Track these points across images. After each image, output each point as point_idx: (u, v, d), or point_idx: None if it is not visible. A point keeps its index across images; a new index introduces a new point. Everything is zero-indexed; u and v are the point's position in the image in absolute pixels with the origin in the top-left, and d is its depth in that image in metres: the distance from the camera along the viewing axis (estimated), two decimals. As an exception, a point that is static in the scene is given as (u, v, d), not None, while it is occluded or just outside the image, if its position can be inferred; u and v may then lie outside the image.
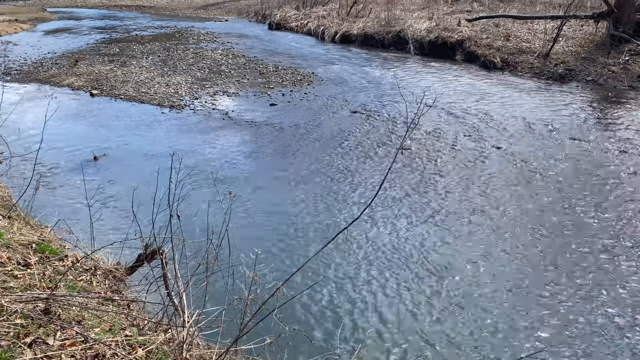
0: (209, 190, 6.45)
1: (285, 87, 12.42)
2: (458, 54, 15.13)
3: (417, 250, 5.23)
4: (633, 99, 10.72)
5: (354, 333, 4.03)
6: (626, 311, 4.29)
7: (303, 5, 25.00)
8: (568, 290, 4.57)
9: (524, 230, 5.61)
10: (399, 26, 17.62)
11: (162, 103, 10.92)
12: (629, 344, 3.93)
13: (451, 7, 19.79)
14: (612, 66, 12.40)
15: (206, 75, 13.59)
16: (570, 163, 7.40)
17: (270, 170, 7.45)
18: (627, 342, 3.95)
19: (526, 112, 9.81)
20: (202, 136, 8.84)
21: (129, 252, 4.44)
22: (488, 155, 7.73)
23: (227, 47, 18.48)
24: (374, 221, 5.83)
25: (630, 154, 7.66)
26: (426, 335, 4.03)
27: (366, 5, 21.40)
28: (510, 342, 3.95)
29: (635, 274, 4.80)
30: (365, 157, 7.80)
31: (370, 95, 11.42)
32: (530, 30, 15.51)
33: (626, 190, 6.51)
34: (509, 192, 6.53)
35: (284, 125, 9.44)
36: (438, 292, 4.57)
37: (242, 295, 3.11)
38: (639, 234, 5.48)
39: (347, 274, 4.84)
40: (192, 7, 36.06)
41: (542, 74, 12.73)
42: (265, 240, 5.43)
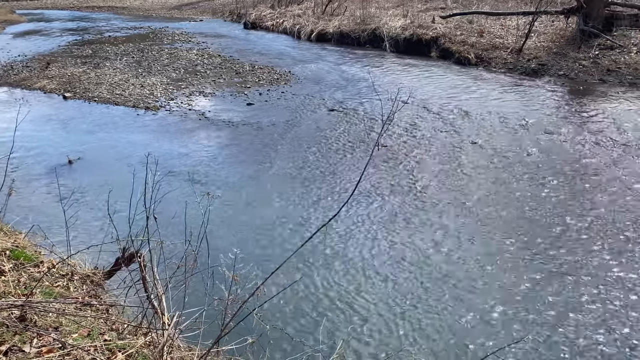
0: (186, 191, 6.40)
1: (262, 87, 12.38)
2: (433, 51, 15.26)
3: (395, 244, 5.27)
4: (603, 92, 10.96)
5: (336, 329, 4.04)
6: (590, 291, 4.40)
7: (278, 4, 24.93)
8: (541, 274, 4.66)
9: (500, 220, 5.70)
10: (374, 24, 17.70)
11: (137, 105, 10.78)
12: (585, 318, 4.03)
13: (425, 5, 19.95)
14: (583, 60, 12.66)
15: (182, 76, 13.46)
16: (544, 156, 7.54)
17: (249, 169, 7.42)
18: (584, 317, 4.05)
19: (501, 106, 9.96)
20: (178, 137, 8.76)
21: (107, 256, 4.38)
22: (465, 150, 7.83)
23: (202, 47, 18.32)
24: (354, 217, 5.86)
25: (601, 145, 7.84)
26: (405, 328, 4.06)
27: (341, 4, 21.44)
28: (484, 331, 4.02)
29: (604, 257, 4.92)
30: (344, 155, 7.83)
31: (347, 93, 11.45)
32: (503, 27, 15.73)
33: (598, 181, 6.66)
34: (486, 185, 6.62)
35: (262, 124, 9.42)
36: (417, 284, 4.61)
37: (223, 296, 3.10)
38: (609, 220, 5.62)
39: (328, 271, 4.85)
40: (166, 7, 35.64)
41: (515, 69, 12.94)
42: (245, 241, 5.41)
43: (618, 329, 4.04)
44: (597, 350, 3.83)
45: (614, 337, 3.96)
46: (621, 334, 3.99)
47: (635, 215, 5.76)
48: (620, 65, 12.16)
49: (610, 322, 4.12)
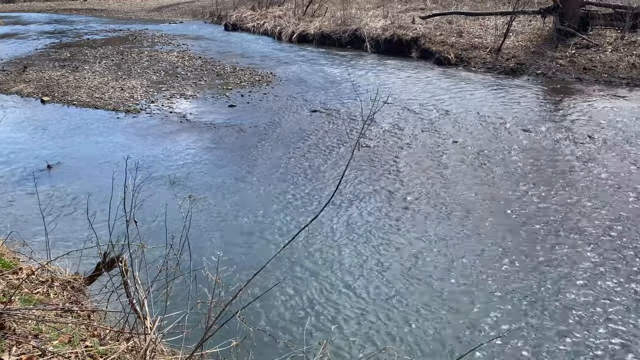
0: (168, 194, 6.36)
1: (244, 88, 12.34)
2: (413, 51, 15.38)
3: (379, 241, 5.30)
4: (580, 90, 11.17)
5: (319, 330, 4.06)
6: (567, 284, 4.48)
7: (259, 6, 24.88)
8: (520, 264, 4.73)
9: (480, 215, 5.77)
10: (355, 25, 17.77)
11: (117, 108, 10.67)
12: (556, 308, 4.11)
13: (405, 5, 20.09)
14: (560, 59, 12.88)
15: (162, 78, 13.36)
16: (523, 153, 7.65)
17: (231, 172, 7.40)
18: (555, 305, 4.13)
19: (480, 105, 10.07)
20: (159, 140, 8.70)
21: (88, 261, 4.34)
22: (445, 149, 7.91)
23: (182, 49, 18.21)
24: (337, 216, 5.87)
25: (578, 142, 7.98)
26: (388, 327, 4.09)
27: (322, 5, 21.48)
28: (464, 325, 4.07)
29: (580, 248, 5.01)
30: (326, 155, 7.85)
31: (329, 94, 11.48)
32: (482, 27, 15.92)
33: (575, 177, 6.78)
34: (466, 182, 6.70)
35: (244, 126, 9.39)
36: (398, 283, 4.65)
37: (206, 299, 3.09)
38: (585, 214, 5.73)
39: (311, 272, 4.86)
40: (145, 9, 35.32)
41: (494, 69, 13.10)
42: (228, 243, 5.39)
43: (586, 310, 4.13)
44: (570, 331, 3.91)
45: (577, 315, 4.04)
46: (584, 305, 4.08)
47: (611, 210, 5.88)
48: (596, 63, 12.39)
49: (581, 306, 4.20)
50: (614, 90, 11.01)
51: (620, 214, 5.81)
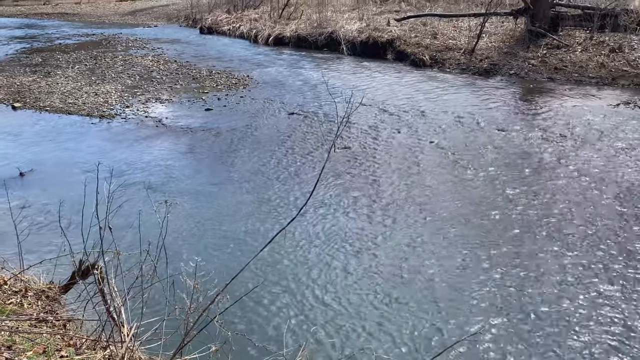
0: (144, 200, 6.28)
1: (221, 91, 12.28)
2: (389, 53, 15.50)
3: (357, 243, 5.33)
4: (552, 89, 11.41)
5: (299, 332, 4.06)
6: (540, 278, 4.58)
7: (234, 9, 24.77)
8: (496, 259, 4.81)
9: (456, 213, 5.84)
10: (331, 27, 17.83)
11: (91, 113, 10.51)
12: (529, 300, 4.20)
13: (380, 8, 20.24)
14: (532, 60, 13.13)
15: (137, 83, 13.21)
16: (498, 152, 7.78)
17: (208, 176, 7.35)
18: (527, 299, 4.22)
19: (456, 106, 10.21)
20: (135, 145, 8.59)
21: (63, 270, 4.26)
22: (422, 150, 7.99)
23: (157, 53, 18.03)
24: (315, 217, 5.89)
25: (551, 141, 8.15)
26: (367, 327, 4.12)
27: (297, 8, 21.50)
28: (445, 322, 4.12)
29: (553, 242, 5.12)
30: (304, 158, 7.86)
31: (307, 97, 11.50)
32: (456, 28, 16.13)
33: (549, 174, 6.92)
34: (443, 182, 6.78)
35: (221, 130, 9.34)
36: (376, 282, 4.68)
37: (184, 305, 3.07)
38: (559, 209, 5.85)
39: (289, 274, 4.86)
40: (119, 13, 34.86)
41: (468, 70, 13.29)
42: (205, 248, 5.36)
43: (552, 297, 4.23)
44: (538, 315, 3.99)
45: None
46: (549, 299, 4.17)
47: (583, 205, 6.01)
48: (566, 63, 12.67)
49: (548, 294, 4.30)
50: (584, 89, 11.28)
51: (591, 209, 5.95)
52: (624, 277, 4.70)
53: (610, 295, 4.46)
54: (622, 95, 10.59)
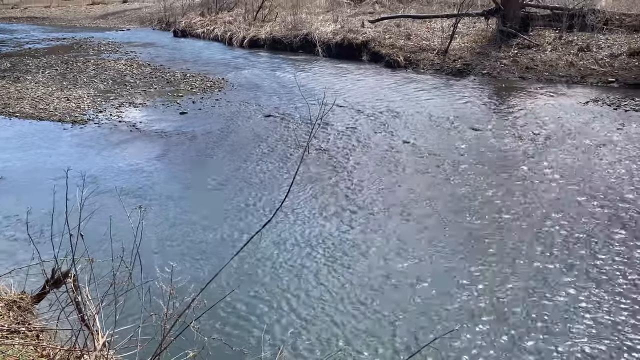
0: (117, 206, 6.17)
1: (195, 95, 12.19)
2: (364, 55, 15.59)
3: (334, 244, 5.34)
4: (523, 88, 11.63)
5: (276, 335, 4.06)
6: (513, 272, 4.66)
7: (208, 12, 24.61)
8: (468, 255, 4.88)
9: (433, 211, 5.91)
10: (306, 29, 17.85)
11: (63, 119, 10.32)
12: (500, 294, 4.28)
13: (354, 9, 20.35)
14: (504, 59, 13.36)
15: (110, 87, 13.01)
16: (472, 151, 7.90)
17: (183, 180, 7.29)
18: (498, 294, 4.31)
19: (430, 106, 10.32)
20: (108, 150, 8.46)
21: (35, 279, 4.17)
22: (398, 149, 8.06)
23: (130, 56, 17.79)
24: (293, 219, 5.88)
25: (523, 139, 8.30)
26: (344, 328, 4.14)
27: (272, 10, 21.47)
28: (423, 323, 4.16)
29: (525, 237, 5.22)
30: (281, 160, 7.85)
31: (282, 99, 11.49)
32: (429, 29, 16.31)
33: (521, 171, 7.05)
34: (419, 181, 6.85)
35: (196, 133, 9.27)
36: (355, 284, 4.70)
37: (161, 311, 3.03)
38: (531, 206, 5.96)
39: (265, 277, 4.85)
40: (90, 17, 34.28)
41: (442, 70, 13.46)
42: (181, 253, 5.31)
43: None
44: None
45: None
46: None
47: (554, 201, 6.14)
48: (537, 63, 12.93)
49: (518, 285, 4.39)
50: (555, 87, 11.53)
51: (562, 204, 6.08)
52: (593, 270, 4.82)
53: (581, 287, 4.56)
54: (591, 93, 10.85)
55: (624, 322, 4.12)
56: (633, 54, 12.16)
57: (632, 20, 13.95)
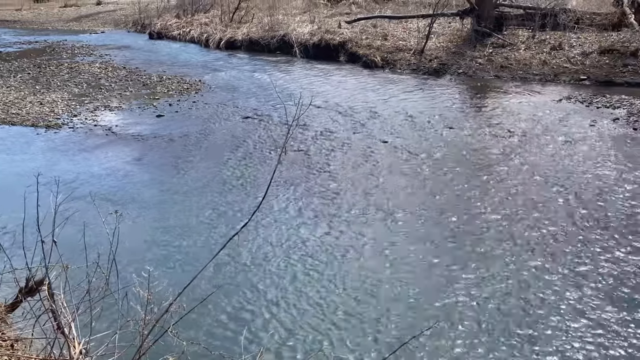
0: (93, 211, 6.06)
1: (172, 97, 12.07)
2: (341, 55, 15.62)
3: (312, 245, 5.35)
4: (498, 87, 11.80)
5: (255, 337, 4.04)
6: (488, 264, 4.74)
7: (184, 13, 24.39)
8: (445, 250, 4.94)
9: (412, 208, 5.95)
10: (283, 30, 17.82)
11: (36, 124, 10.12)
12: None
13: (331, 10, 20.39)
14: (479, 59, 13.54)
15: (84, 91, 12.81)
16: (449, 149, 7.98)
17: (160, 184, 7.20)
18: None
19: (408, 106, 10.40)
20: (83, 155, 8.33)
21: (9, 288, 4.08)
22: (376, 149, 8.10)
23: (105, 59, 17.54)
24: (273, 221, 5.87)
25: (499, 136, 8.42)
26: (323, 329, 4.15)
27: (248, 11, 21.37)
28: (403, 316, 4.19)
29: (501, 232, 5.30)
30: (260, 162, 7.82)
31: (261, 100, 11.45)
32: (405, 29, 16.43)
33: (497, 169, 7.16)
34: (398, 179, 6.89)
35: (174, 136, 9.18)
36: (336, 283, 4.71)
37: (139, 316, 3.00)
38: (507, 201, 6.06)
39: (243, 280, 4.83)
40: (63, 19, 33.67)
41: (419, 70, 13.57)
42: (158, 258, 5.25)
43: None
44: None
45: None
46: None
47: (529, 197, 6.25)
48: (511, 61, 13.13)
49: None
50: (529, 85, 11.73)
51: (536, 200, 6.18)
52: (566, 263, 4.92)
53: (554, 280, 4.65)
54: (563, 91, 11.07)
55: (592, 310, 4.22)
56: (603, 52, 12.44)
57: (601, 19, 14.27)
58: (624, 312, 4.22)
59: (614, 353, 3.81)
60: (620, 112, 9.39)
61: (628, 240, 5.28)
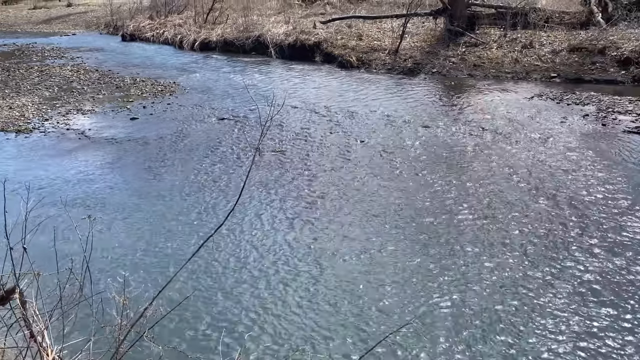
0: (65, 217, 5.95)
1: (146, 99, 11.93)
2: (317, 56, 15.65)
3: (289, 243, 5.35)
4: (472, 85, 11.97)
5: (232, 339, 4.03)
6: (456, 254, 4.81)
7: (157, 15, 24.10)
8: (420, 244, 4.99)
9: (389, 206, 6.00)
10: (258, 31, 17.76)
11: (5, 128, 9.88)
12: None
13: (306, 11, 20.40)
14: (452, 58, 13.71)
15: (56, 94, 12.56)
16: (424, 147, 8.06)
17: (135, 188, 7.10)
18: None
19: (383, 105, 10.48)
20: (55, 160, 8.17)
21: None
22: (354, 148, 8.14)
23: (77, 62, 17.24)
24: (249, 222, 5.85)
25: (472, 134, 8.55)
26: (302, 329, 4.15)
27: (223, 12, 21.24)
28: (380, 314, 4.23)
29: (474, 225, 5.39)
30: (236, 164, 7.78)
31: (236, 101, 11.39)
32: (380, 29, 16.53)
33: (471, 166, 7.26)
34: (375, 178, 6.94)
35: (148, 139, 9.07)
36: (313, 283, 4.72)
37: (114, 322, 2.96)
38: (481, 197, 6.15)
39: (218, 283, 4.81)
40: (33, 21, 32.95)
41: (394, 69, 13.68)
42: (134, 263, 5.17)
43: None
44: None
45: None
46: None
47: (502, 192, 6.35)
48: (484, 60, 13.33)
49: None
50: (502, 83, 11.93)
51: (510, 196, 6.29)
52: (535, 257, 5.02)
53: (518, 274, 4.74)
54: (535, 88, 11.29)
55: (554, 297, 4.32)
56: (573, 50, 12.72)
57: (570, 18, 14.59)
58: (577, 296, 4.34)
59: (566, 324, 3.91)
60: (589, 109, 9.62)
61: (596, 231, 5.41)
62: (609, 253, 5.04)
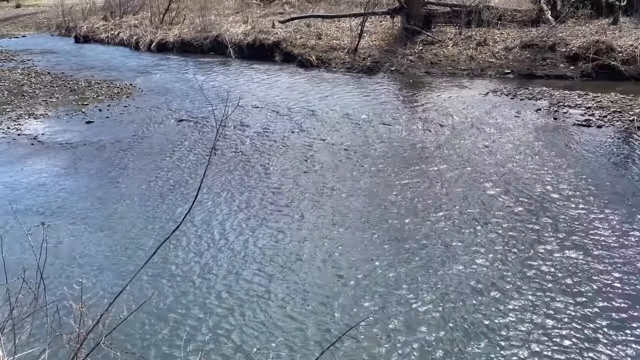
0: (16, 225, 5.75)
1: (102, 102, 11.64)
2: (277, 55, 15.61)
3: (252, 244, 5.34)
4: (429, 83, 12.20)
5: (193, 342, 4.00)
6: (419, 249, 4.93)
7: (112, 15, 23.52)
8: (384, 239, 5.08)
9: (347, 201, 6.06)
10: (216, 31, 17.58)
11: (-49, 135, 9.46)
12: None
13: (264, 10, 20.30)
14: (410, 56, 13.92)
15: (6, 99, 12.10)
16: (384, 144, 8.18)
17: (91, 192, 6.92)
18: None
19: (343, 104, 10.55)
20: (7, 166, 7.88)
21: None
22: (315, 147, 8.17)
23: (28, 65, 16.66)
24: (210, 223, 5.80)
25: (431, 131, 8.72)
26: (265, 327, 4.16)
27: (179, 12, 20.90)
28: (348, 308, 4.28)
29: (436, 219, 5.52)
30: (196, 165, 7.69)
31: (195, 102, 11.25)
32: (338, 29, 16.62)
33: (430, 161, 7.40)
34: (336, 175, 6.99)
35: (104, 142, 8.85)
36: (275, 282, 4.73)
37: (72, 331, 2.89)
38: (436, 191, 6.30)
39: (177, 285, 4.76)
40: (-22, 23, 31.58)
41: (353, 68, 13.79)
42: (90, 269, 5.06)
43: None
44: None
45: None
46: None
47: (459, 185, 6.52)
48: (440, 58, 13.60)
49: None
50: (458, 80, 12.19)
51: (466, 188, 6.46)
52: (493, 250, 5.18)
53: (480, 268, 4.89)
54: (490, 85, 11.60)
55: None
56: (525, 47, 13.12)
57: (522, 16, 15.04)
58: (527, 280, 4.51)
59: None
60: (541, 103, 9.95)
61: (546, 214, 5.62)
62: (558, 232, 5.24)
